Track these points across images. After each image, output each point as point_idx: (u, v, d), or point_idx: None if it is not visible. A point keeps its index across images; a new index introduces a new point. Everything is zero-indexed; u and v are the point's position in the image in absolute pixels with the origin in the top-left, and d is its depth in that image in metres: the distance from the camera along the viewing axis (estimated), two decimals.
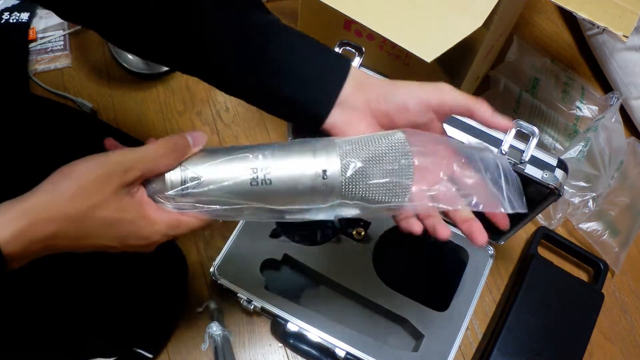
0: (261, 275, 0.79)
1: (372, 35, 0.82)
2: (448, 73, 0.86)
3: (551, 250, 0.93)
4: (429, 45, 0.60)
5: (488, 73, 1.03)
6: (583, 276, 0.92)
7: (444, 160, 0.48)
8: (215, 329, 0.76)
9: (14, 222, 0.39)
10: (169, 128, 0.96)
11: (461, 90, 0.49)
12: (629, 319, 0.90)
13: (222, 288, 0.79)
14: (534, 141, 0.65)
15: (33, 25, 1.01)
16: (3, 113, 0.73)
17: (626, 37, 0.61)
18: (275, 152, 0.46)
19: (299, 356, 0.80)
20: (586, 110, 1.03)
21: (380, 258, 0.82)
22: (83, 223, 0.42)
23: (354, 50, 0.67)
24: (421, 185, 0.46)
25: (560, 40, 1.16)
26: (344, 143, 0.47)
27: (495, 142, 0.67)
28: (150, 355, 0.75)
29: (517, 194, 0.48)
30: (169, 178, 0.45)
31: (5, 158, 0.68)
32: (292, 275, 0.83)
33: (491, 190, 0.47)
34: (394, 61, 0.85)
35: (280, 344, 0.80)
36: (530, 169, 0.66)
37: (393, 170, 0.45)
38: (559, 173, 0.67)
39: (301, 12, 0.88)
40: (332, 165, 0.45)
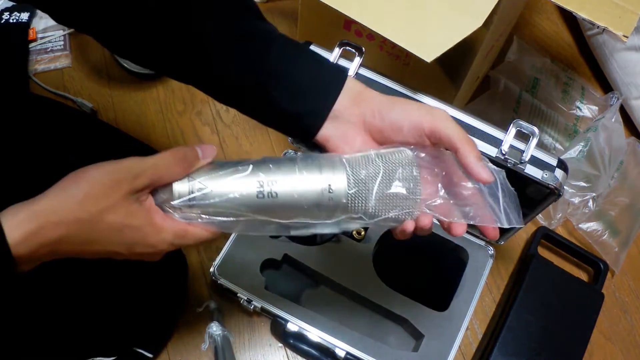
0: (261, 275, 0.79)
1: (372, 35, 0.82)
2: (448, 73, 0.86)
3: (551, 250, 0.93)
4: (429, 45, 0.60)
5: (488, 73, 1.03)
6: (583, 276, 0.92)
7: (443, 172, 0.48)
8: (215, 329, 0.75)
9: (24, 225, 0.40)
10: (169, 128, 0.96)
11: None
12: (629, 319, 0.90)
13: (222, 288, 0.79)
14: (534, 141, 0.65)
15: (33, 25, 1.01)
16: (3, 113, 0.73)
17: (626, 37, 0.61)
18: (282, 167, 0.46)
19: (299, 356, 0.80)
20: (586, 110, 1.03)
21: (380, 258, 0.82)
22: (92, 227, 0.42)
23: (354, 50, 0.67)
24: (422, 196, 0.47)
25: (560, 40, 1.16)
26: (351, 159, 0.47)
27: (496, 142, 0.67)
28: (150, 355, 0.75)
29: (515, 208, 0.48)
30: (177, 188, 0.45)
31: (5, 158, 0.68)
32: (292, 275, 0.83)
33: (489, 204, 0.47)
34: (394, 61, 0.85)
35: (280, 344, 0.80)
36: (530, 169, 0.66)
37: (401, 187, 0.46)
38: (559, 173, 0.67)
39: (301, 12, 0.88)
40: (339, 180, 0.46)
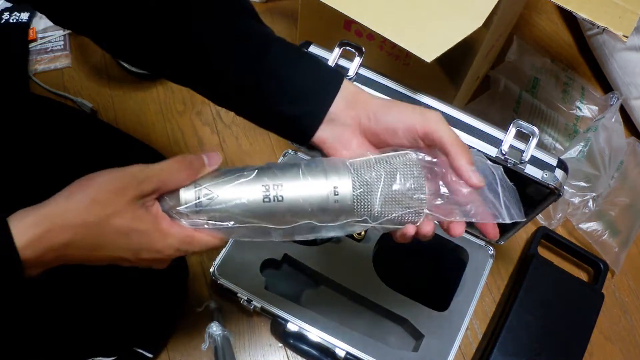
0: (261, 275, 0.79)
1: (372, 35, 0.82)
2: (448, 73, 0.86)
3: (551, 250, 0.93)
4: (429, 45, 0.60)
5: (488, 73, 1.03)
6: (583, 276, 0.92)
7: (443, 170, 0.48)
8: (215, 329, 0.75)
9: (31, 228, 0.40)
10: (169, 128, 0.96)
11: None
12: (629, 319, 0.90)
13: (222, 288, 0.79)
14: (534, 141, 0.65)
15: (33, 25, 1.01)
16: (3, 113, 0.73)
17: (626, 37, 0.61)
18: (286, 171, 0.46)
19: (299, 356, 0.80)
20: (586, 110, 1.03)
21: (380, 258, 0.82)
22: (98, 231, 0.42)
23: (354, 50, 0.67)
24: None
25: (560, 40, 1.16)
26: (355, 162, 0.47)
27: (496, 142, 0.67)
28: (150, 355, 0.75)
29: (515, 203, 0.48)
30: (183, 193, 0.45)
31: (5, 158, 0.68)
32: (292, 275, 0.83)
33: (489, 200, 0.47)
34: (394, 61, 0.85)
35: (280, 344, 0.80)
36: (530, 169, 0.66)
37: (406, 188, 0.46)
38: (559, 173, 0.67)
39: (301, 12, 0.88)
40: (344, 183, 0.46)
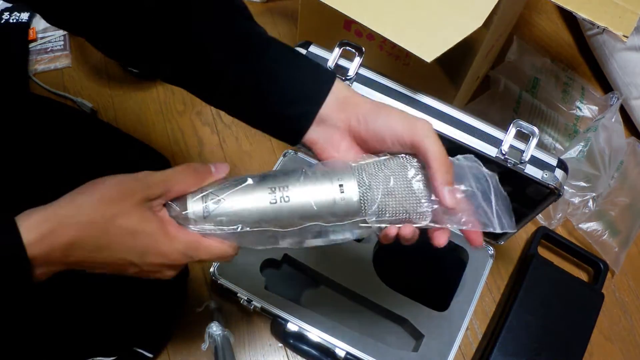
0: (261, 275, 0.79)
1: (372, 35, 0.82)
2: (448, 73, 0.86)
3: (551, 250, 0.93)
4: (429, 45, 0.60)
5: (488, 73, 1.03)
6: (583, 276, 0.92)
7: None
8: (215, 329, 0.75)
9: (38, 226, 0.41)
10: (169, 128, 0.96)
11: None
12: (629, 319, 0.90)
13: (222, 288, 0.79)
14: (534, 141, 0.65)
15: (33, 25, 1.01)
16: (3, 113, 0.73)
17: (626, 37, 0.61)
18: (291, 174, 0.47)
19: (299, 356, 0.80)
20: (586, 110, 1.03)
21: (380, 258, 0.82)
22: (104, 230, 0.43)
23: (354, 50, 0.67)
24: None
25: (560, 40, 1.16)
26: (358, 164, 0.48)
27: (496, 142, 0.67)
28: (150, 355, 0.75)
29: (507, 212, 0.48)
30: (190, 198, 0.46)
31: (5, 158, 0.68)
32: (292, 275, 0.83)
33: (482, 209, 0.47)
34: (394, 61, 0.85)
35: (280, 344, 0.80)
36: (530, 169, 0.66)
37: (412, 191, 0.46)
38: (559, 173, 0.67)
39: (301, 12, 0.88)
40: (349, 182, 0.46)
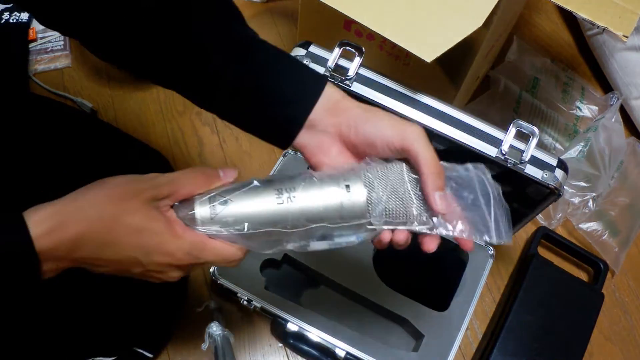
0: (261, 275, 0.79)
1: (372, 35, 0.83)
2: (448, 73, 0.86)
3: (551, 250, 0.93)
4: (429, 45, 0.60)
5: (488, 73, 1.03)
6: (583, 276, 0.92)
7: None
8: (215, 329, 0.75)
9: (46, 220, 0.41)
10: (169, 128, 0.96)
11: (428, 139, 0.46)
12: (629, 319, 0.90)
13: (222, 288, 0.79)
14: (534, 141, 0.65)
15: (33, 25, 1.01)
16: (3, 113, 0.73)
17: (626, 37, 0.61)
18: (297, 177, 0.47)
19: (299, 356, 0.80)
20: (586, 110, 1.03)
21: (380, 258, 0.82)
22: (111, 226, 0.43)
23: (354, 50, 0.67)
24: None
25: (560, 40, 1.16)
26: (365, 166, 0.48)
27: (496, 142, 0.67)
28: (150, 355, 0.75)
29: (506, 224, 0.48)
30: (197, 199, 0.46)
31: (5, 158, 0.68)
32: (292, 275, 0.83)
33: (481, 218, 0.47)
34: (394, 61, 0.85)
35: (280, 344, 0.80)
36: (530, 169, 0.66)
37: (417, 194, 0.46)
38: (559, 173, 0.67)
39: (301, 12, 0.88)
40: (356, 183, 0.46)
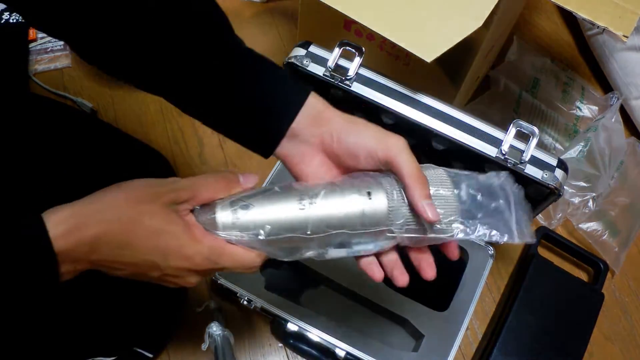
0: (261, 275, 0.79)
1: (372, 35, 0.83)
2: (448, 73, 0.86)
3: (551, 250, 0.93)
4: (429, 45, 0.60)
5: (488, 73, 1.03)
6: (583, 276, 0.92)
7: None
8: (215, 329, 0.75)
9: (65, 221, 0.41)
10: (169, 128, 0.96)
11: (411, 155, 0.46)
12: (629, 319, 0.90)
13: (222, 288, 0.79)
14: (534, 141, 0.65)
15: None
16: (3, 113, 0.73)
17: (626, 37, 0.61)
18: (317, 184, 0.47)
19: (299, 356, 0.80)
20: (586, 110, 1.03)
21: None
22: (130, 228, 0.43)
23: (354, 50, 0.67)
24: None
25: (560, 40, 1.16)
26: (383, 177, 0.48)
27: (496, 142, 0.67)
28: (150, 355, 0.75)
29: (528, 222, 0.48)
30: (220, 204, 0.46)
31: (5, 158, 0.68)
32: (292, 275, 0.83)
33: (503, 222, 0.47)
34: (394, 61, 0.85)
35: (280, 344, 0.80)
36: (530, 169, 0.66)
37: (438, 198, 0.46)
38: (559, 173, 0.67)
39: (301, 12, 0.89)
40: (377, 190, 0.46)
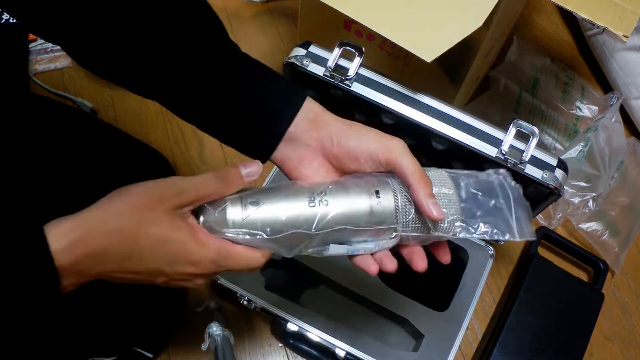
0: (261, 275, 0.79)
1: (372, 35, 0.83)
2: (448, 73, 0.86)
3: (551, 250, 0.93)
4: (429, 45, 0.60)
5: (488, 73, 1.03)
6: (583, 276, 0.92)
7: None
8: (215, 329, 0.75)
9: (67, 234, 0.40)
10: (169, 128, 0.96)
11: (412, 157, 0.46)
12: (629, 319, 0.90)
13: (222, 288, 0.79)
14: (534, 141, 0.65)
15: None
16: (3, 113, 0.73)
17: (626, 37, 0.61)
18: (324, 183, 0.47)
19: (299, 356, 0.80)
20: (586, 110, 1.03)
21: None
22: (135, 238, 0.42)
23: (354, 50, 0.67)
24: None
25: (560, 40, 1.16)
26: (388, 178, 0.48)
27: (496, 142, 0.67)
28: (150, 355, 0.75)
29: (527, 222, 0.48)
30: (229, 202, 0.45)
31: (5, 158, 0.68)
32: (292, 275, 0.83)
33: (504, 219, 0.47)
34: (394, 61, 0.85)
35: (280, 344, 0.80)
36: (530, 169, 0.66)
37: (441, 197, 0.46)
38: (559, 173, 0.67)
39: (301, 12, 0.89)
40: (384, 188, 0.46)
